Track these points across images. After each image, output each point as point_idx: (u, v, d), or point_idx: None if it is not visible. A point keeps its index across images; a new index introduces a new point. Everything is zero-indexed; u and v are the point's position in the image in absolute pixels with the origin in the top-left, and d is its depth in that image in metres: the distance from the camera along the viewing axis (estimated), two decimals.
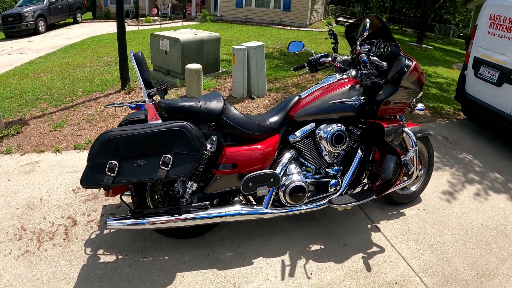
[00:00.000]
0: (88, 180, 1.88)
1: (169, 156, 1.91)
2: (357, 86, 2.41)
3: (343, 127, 2.37)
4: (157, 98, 2.25)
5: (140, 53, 2.23)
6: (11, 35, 12.79)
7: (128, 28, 13.91)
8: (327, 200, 2.40)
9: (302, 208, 2.37)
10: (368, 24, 2.34)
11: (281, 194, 2.28)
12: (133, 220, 2.12)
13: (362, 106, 2.41)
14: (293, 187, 2.26)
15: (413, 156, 2.56)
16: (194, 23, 15.87)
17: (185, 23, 15.45)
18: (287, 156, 2.32)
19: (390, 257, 2.45)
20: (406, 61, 2.36)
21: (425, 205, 3.06)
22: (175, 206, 2.17)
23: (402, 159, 2.45)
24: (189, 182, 2.18)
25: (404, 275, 2.31)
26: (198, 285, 2.15)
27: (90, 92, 5.55)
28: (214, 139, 2.14)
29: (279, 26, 14.90)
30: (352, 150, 2.51)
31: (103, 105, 5.04)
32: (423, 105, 2.62)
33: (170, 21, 16.82)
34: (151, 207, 2.29)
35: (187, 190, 2.19)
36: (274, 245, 2.49)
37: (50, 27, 14.35)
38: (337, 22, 17.29)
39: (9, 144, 3.90)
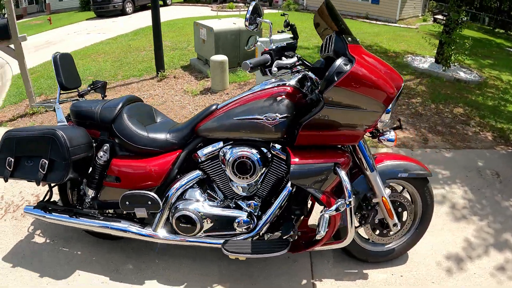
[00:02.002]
0: None
1: (45, 160, 2.02)
2: (286, 99, 1.89)
3: (253, 153, 1.95)
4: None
5: (60, 55, 2.38)
6: (101, 15, 14.38)
7: (207, 13, 14.71)
8: (223, 240, 2.06)
9: (198, 241, 2.11)
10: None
11: (171, 220, 2.10)
12: (41, 211, 2.30)
13: (281, 128, 1.89)
14: (179, 216, 2.05)
15: (387, 206, 2.05)
16: (277, 11, 15.95)
17: (267, 11, 15.62)
18: (187, 178, 2.08)
19: None
20: (342, 64, 1.74)
21: (407, 269, 2.30)
22: (69, 208, 2.30)
23: (325, 213, 1.82)
24: (86, 187, 2.26)
25: None
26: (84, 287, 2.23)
27: (128, 76, 6.00)
28: (105, 148, 2.15)
29: (365, 20, 14.16)
30: (281, 184, 2.06)
31: (132, 91, 5.42)
32: (393, 134, 2.01)
33: None
34: (73, 202, 2.43)
35: (87, 195, 2.27)
36: (178, 272, 2.29)
37: (141, 8, 15.75)
38: (434, 20, 15.77)
39: (36, 121, 4.45)
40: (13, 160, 2.08)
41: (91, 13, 15.24)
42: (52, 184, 2.36)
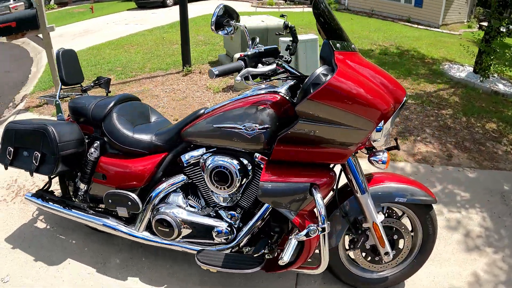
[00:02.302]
0: None
1: (38, 153, 2.12)
2: (269, 109, 1.75)
3: (232, 163, 1.84)
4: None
5: (62, 51, 2.43)
6: (142, 6, 14.71)
7: (246, 9, 14.68)
8: (200, 248, 2.01)
9: (175, 244, 2.08)
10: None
11: (152, 222, 2.08)
12: (38, 199, 2.38)
13: (260, 139, 1.76)
14: (159, 218, 2.02)
15: (378, 233, 1.87)
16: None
17: (307, 10, 15.41)
18: (171, 181, 2.04)
19: None
20: (321, 74, 1.56)
21: None
22: (63, 199, 2.37)
23: (293, 237, 1.68)
24: (79, 181, 2.31)
25: None
26: (72, 277, 2.27)
27: (155, 69, 6.08)
28: (96, 145, 2.20)
29: (406, 23, 13.61)
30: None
31: (156, 84, 5.48)
32: (386, 155, 1.77)
33: (293, 6, 16.95)
34: (70, 194, 2.49)
35: (80, 188, 2.32)
36: (161, 274, 2.27)
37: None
38: (480, 27, 14.92)
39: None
40: (12, 150, 2.19)
41: (132, 4, 15.61)
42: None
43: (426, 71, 6.38)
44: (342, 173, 1.90)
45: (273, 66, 1.73)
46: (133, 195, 2.04)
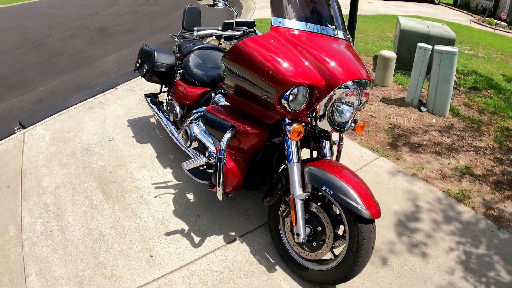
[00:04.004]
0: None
1: (147, 66, 3.23)
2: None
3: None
4: None
5: (188, 8, 3.23)
6: None
7: (463, 22, 13.32)
8: (191, 159, 2.33)
9: (187, 150, 2.78)
10: None
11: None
12: (148, 98, 3.52)
13: (219, 81, 2.45)
14: (184, 129, 2.65)
15: (292, 208, 1.90)
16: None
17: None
18: (204, 108, 2.40)
19: None
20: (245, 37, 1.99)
21: None
22: (158, 103, 3.46)
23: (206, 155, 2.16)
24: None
25: None
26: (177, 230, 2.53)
27: None
28: (179, 71, 3.08)
29: None
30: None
31: None
32: (296, 126, 1.81)
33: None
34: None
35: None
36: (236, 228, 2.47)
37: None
38: None
39: None
40: (140, 61, 3.36)
41: None
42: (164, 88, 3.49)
43: None
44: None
45: (237, 32, 2.09)
46: (178, 107, 2.92)
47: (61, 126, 3.77)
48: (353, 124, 2.04)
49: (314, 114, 1.88)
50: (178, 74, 3.09)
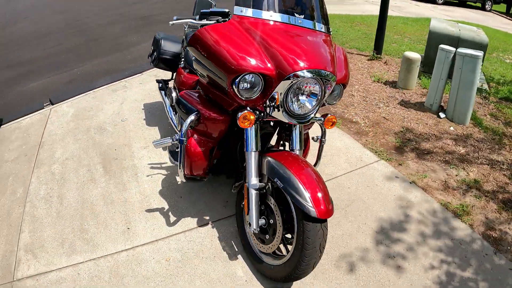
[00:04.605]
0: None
1: (156, 52, 3.43)
2: None
3: None
4: None
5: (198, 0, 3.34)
6: None
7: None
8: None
9: (172, 120, 3.13)
10: None
11: None
12: (158, 84, 3.77)
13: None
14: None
15: (245, 196, 1.94)
16: None
17: None
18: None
19: None
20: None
21: None
22: (165, 87, 3.62)
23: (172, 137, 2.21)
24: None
25: None
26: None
27: (352, 47, 6.52)
28: (182, 59, 3.28)
29: None
30: None
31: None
32: (244, 115, 1.83)
33: None
34: None
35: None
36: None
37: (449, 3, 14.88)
38: None
39: None
40: (152, 48, 3.56)
41: None
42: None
43: None
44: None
45: (211, 22, 2.19)
46: (174, 93, 3.05)
47: (84, 105, 4.11)
48: (322, 119, 2.05)
49: (273, 103, 1.84)
50: (181, 62, 3.25)
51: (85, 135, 3.54)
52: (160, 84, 3.66)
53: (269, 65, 1.78)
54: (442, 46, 4.08)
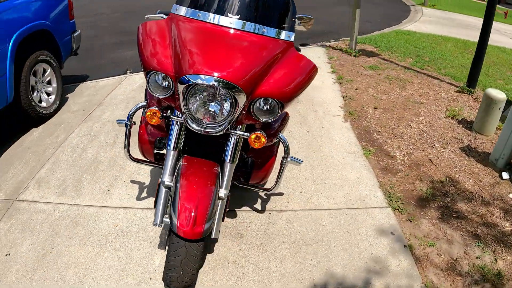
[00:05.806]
0: None
1: None
2: None
3: None
4: None
5: None
6: None
7: None
8: None
9: None
10: None
11: None
12: None
13: None
14: None
15: None
16: None
17: None
18: None
19: None
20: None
21: None
22: None
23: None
24: None
25: None
26: None
27: (438, 69, 5.88)
28: None
29: None
30: None
31: (421, 87, 5.44)
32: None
33: None
34: None
35: None
36: None
37: None
38: None
39: None
40: None
41: None
42: None
43: None
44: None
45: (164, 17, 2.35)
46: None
47: None
48: (247, 134, 1.94)
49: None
50: None
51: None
52: None
53: (170, 66, 1.79)
54: None
